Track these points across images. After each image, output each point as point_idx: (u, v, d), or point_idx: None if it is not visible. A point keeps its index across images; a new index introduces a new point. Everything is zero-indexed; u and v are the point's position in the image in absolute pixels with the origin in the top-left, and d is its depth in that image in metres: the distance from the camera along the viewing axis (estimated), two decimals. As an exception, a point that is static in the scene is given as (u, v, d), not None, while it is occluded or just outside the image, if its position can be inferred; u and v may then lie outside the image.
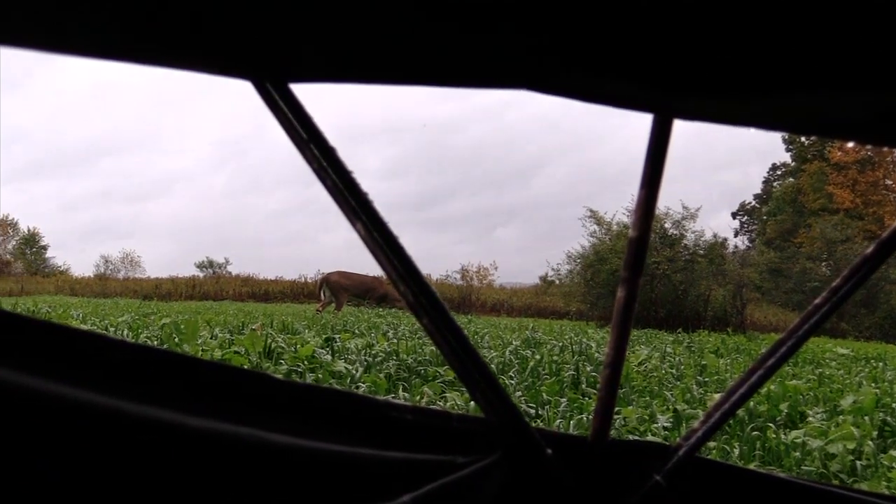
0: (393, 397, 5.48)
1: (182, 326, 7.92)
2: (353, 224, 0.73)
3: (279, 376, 0.75)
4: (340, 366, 6.67)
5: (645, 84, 0.64)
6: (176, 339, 7.56)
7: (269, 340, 7.35)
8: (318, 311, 19.92)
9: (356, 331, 11.47)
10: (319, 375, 6.29)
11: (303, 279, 39.35)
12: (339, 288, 21.23)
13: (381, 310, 21.04)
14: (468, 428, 0.81)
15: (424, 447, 0.79)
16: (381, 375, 6.52)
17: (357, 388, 5.90)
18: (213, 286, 38.24)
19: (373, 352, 7.87)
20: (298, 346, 7.45)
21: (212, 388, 0.70)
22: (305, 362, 6.70)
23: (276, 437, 0.69)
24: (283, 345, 7.47)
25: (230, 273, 43.85)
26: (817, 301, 0.85)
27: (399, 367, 7.13)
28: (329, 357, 7.13)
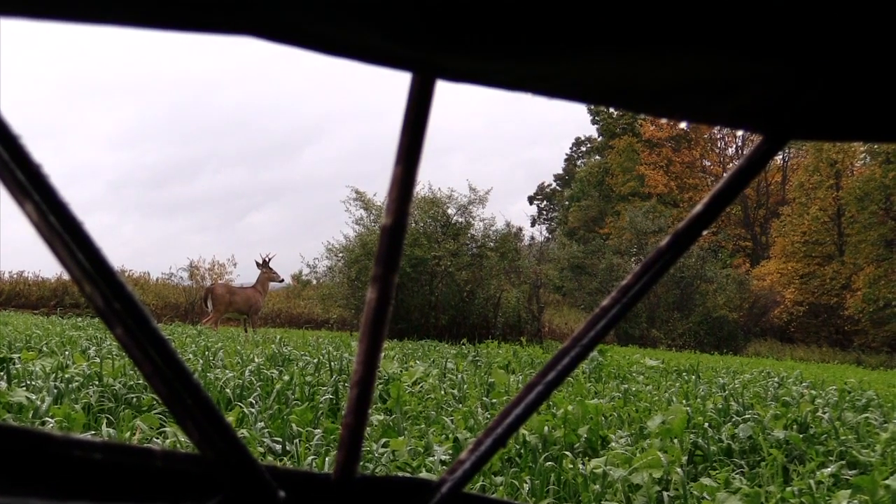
0: (94, 434, 5.24)
1: None
2: (22, 205, 0.70)
3: None
4: (20, 395, 6.28)
5: (396, 33, 0.66)
6: None
7: None
8: (204, 323, 23.23)
9: (44, 348, 10.85)
10: (-12, 410, 5.89)
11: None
12: (222, 302, 24.24)
13: (79, 319, 21.34)
14: (177, 468, 0.80)
15: (118, 494, 0.77)
16: (78, 406, 6.22)
17: (43, 424, 5.62)
18: None
19: (66, 375, 7.49)
20: (-43, 371, 6.95)
21: None
22: (-33, 393, 6.24)
23: None
24: (-68, 371, 6.92)
25: None
26: (605, 303, 0.89)
27: (103, 395, 6.87)
28: (4, 384, 6.73)
